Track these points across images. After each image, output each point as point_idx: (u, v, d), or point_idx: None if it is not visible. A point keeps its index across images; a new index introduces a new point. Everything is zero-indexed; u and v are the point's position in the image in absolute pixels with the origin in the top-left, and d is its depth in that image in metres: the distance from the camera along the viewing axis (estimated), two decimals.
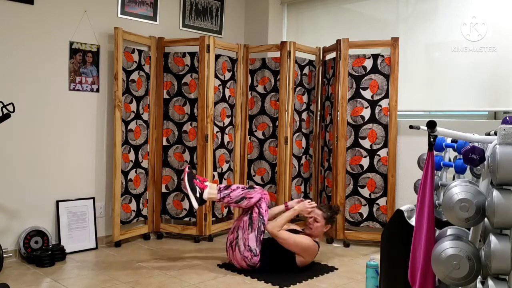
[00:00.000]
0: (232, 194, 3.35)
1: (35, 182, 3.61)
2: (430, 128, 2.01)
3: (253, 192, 3.36)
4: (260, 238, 3.31)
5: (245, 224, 3.32)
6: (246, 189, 3.38)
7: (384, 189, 4.03)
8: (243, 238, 3.30)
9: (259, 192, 3.37)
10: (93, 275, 3.21)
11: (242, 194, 3.35)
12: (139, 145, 4.11)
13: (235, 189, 3.38)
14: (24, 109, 3.53)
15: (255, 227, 3.30)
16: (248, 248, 3.28)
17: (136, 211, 4.10)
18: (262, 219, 3.32)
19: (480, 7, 3.73)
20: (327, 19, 4.69)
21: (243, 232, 3.31)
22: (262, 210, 3.34)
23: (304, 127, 4.47)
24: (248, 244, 3.28)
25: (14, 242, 3.50)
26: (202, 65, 4.08)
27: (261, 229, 3.32)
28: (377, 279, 2.83)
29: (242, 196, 3.35)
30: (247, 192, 3.36)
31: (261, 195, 3.36)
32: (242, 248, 3.29)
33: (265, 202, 3.37)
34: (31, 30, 3.55)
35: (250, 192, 3.36)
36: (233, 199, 3.35)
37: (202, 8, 4.63)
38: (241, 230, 3.32)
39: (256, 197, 3.35)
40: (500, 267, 1.72)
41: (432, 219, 2.03)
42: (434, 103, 4.03)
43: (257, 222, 3.31)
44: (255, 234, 3.29)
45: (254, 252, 3.28)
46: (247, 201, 3.34)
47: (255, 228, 3.30)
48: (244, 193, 3.35)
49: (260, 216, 3.32)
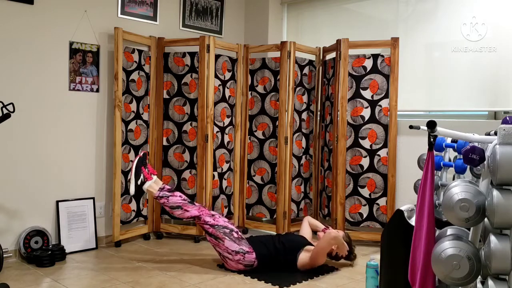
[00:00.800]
0: (171, 199, 3.36)
1: (35, 182, 3.61)
2: (430, 128, 2.01)
3: (191, 207, 3.37)
4: (235, 237, 3.32)
5: (214, 243, 3.34)
6: (188, 202, 3.38)
7: (384, 189, 4.03)
8: (224, 251, 3.31)
9: (197, 210, 3.37)
10: (93, 275, 3.21)
11: (180, 204, 3.36)
12: (139, 145, 4.11)
13: (176, 195, 3.38)
14: (24, 109, 3.53)
15: (221, 236, 3.30)
16: (235, 252, 3.28)
17: (136, 211, 4.10)
18: (218, 227, 3.32)
19: (480, 7, 3.73)
20: (327, 19, 4.69)
21: (220, 247, 3.32)
22: (210, 221, 3.34)
23: (304, 127, 4.47)
24: (232, 250, 3.28)
25: (14, 242, 3.50)
26: (202, 65, 4.09)
27: (227, 231, 3.32)
28: (377, 279, 2.83)
29: (179, 205, 3.36)
30: (186, 204, 3.36)
31: (199, 212, 3.36)
32: (230, 257, 3.29)
33: (206, 215, 3.36)
34: (31, 30, 3.55)
35: (188, 206, 3.36)
36: (169, 203, 3.35)
37: (202, 8, 4.63)
38: (218, 248, 3.34)
39: (192, 212, 3.35)
40: (500, 267, 1.72)
41: (432, 219, 2.03)
42: (434, 103, 4.03)
43: (219, 232, 3.31)
44: (228, 239, 3.30)
45: (242, 251, 3.28)
46: (181, 212, 3.35)
47: (223, 236, 3.30)
48: (183, 203, 3.36)
49: (215, 226, 3.32)
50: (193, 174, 4.17)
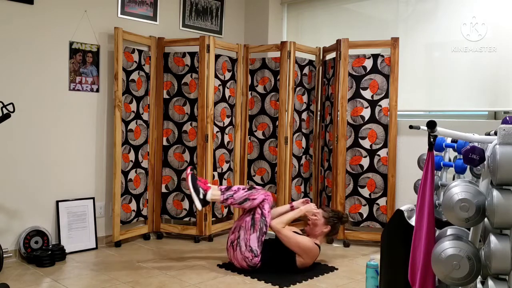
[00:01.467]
0: (236, 196, 3.35)
1: (35, 182, 3.61)
2: (430, 128, 2.01)
3: (256, 194, 3.36)
4: (262, 239, 3.31)
5: (247, 225, 3.32)
6: (248, 190, 3.37)
7: (384, 189, 4.03)
8: (244, 239, 3.29)
9: (263, 194, 3.36)
10: (93, 275, 3.21)
11: (245, 196, 3.34)
12: (139, 145, 4.11)
13: (237, 190, 3.37)
14: (24, 109, 3.53)
15: (257, 228, 3.30)
16: (250, 249, 3.28)
17: (136, 211, 4.10)
18: (264, 220, 3.32)
19: (480, 7, 3.73)
20: (327, 19, 4.69)
21: (245, 232, 3.30)
22: (265, 211, 3.33)
23: (304, 127, 4.47)
24: (250, 245, 3.28)
25: (14, 242, 3.50)
26: (202, 65, 4.09)
27: (263, 230, 3.31)
28: (377, 279, 2.83)
29: (245, 197, 3.34)
30: (250, 193, 3.35)
31: (265, 196, 3.36)
32: (243, 249, 3.28)
33: (268, 203, 3.36)
34: (31, 30, 3.55)
35: (253, 193, 3.35)
36: (237, 201, 3.34)
37: (202, 8, 4.63)
38: (243, 230, 3.32)
39: (259, 198, 3.34)
40: (500, 267, 1.72)
41: (432, 219, 2.03)
42: (434, 103, 4.03)
43: (260, 223, 3.31)
44: (257, 235, 3.29)
45: (255, 252, 3.28)
46: (251, 202, 3.33)
47: (257, 229, 3.30)
48: (247, 194, 3.35)
49: (263, 217, 3.32)
50: None
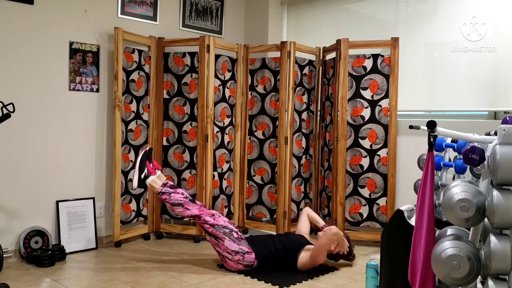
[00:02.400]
0: (173, 196, 3.35)
1: (35, 182, 3.61)
2: (430, 128, 2.01)
3: (192, 206, 3.36)
4: (235, 237, 3.31)
5: (214, 242, 3.34)
6: (189, 200, 3.38)
7: (384, 189, 4.03)
8: (224, 251, 3.30)
9: (198, 209, 3.36)
10: (93, 275, 3.21)
11: (182, 202, 3.35)
12: (139, 145, 4.11)
13: (178, 192, 3.38)
14: (24, 109, 3.53)
15: (221, 236, 3.30)
16: (234, 252, 3.28)
17: (136, 211, 4.10)
18: (218, 227, 3.32)
19: (480, 7, 3.73)
20: (327, 19, 4.69)
21: (219, 247, 3.32)
22: (210, 221, 3.33)
23: (304, 127, 4.47)
24: (231, 250, 3.28)
25: (14, 242, 3.50)
26: (202, 65, 4.09)
27: (227, 231, 3.31)
28: (377, 279, 2.83)
29: (180, 202, 3.35)
30: (187, 203, 3.36)
31: (199, 211, 3.35)
32: (230, 257, 3.29)
33: (206, 216, 3.35)
34: (31, 30, 3.55)
35: (189, 204, 3.36)
36: (171, 200, 3.34)
37: (202, 8, 4.63)
38: (217, 248, 3.34)
39: (193, 211, 3.35)
40: (500, 267, 1.72)
41: (432, 219, 2.03)
42: (434, 103, 4.03)
43: (218, 231, 3.31)
44: (228, 239, 3.29)
45: (242, 251, 3.28)
46: (182, 210, 3.34)
47: (222, 236, 3.30)
48: (184, 201, 3.35)
49: (215, 226, 3.32)
50: (193, 174, 4.17)
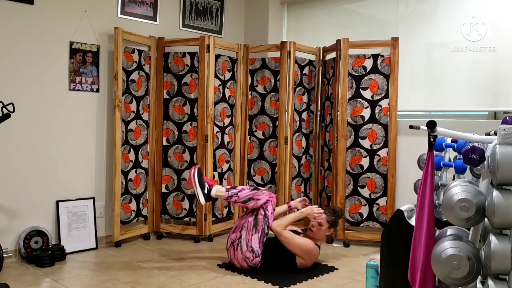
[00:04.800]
0: (240, 194, 3.35)
1: (35, 182, 3.61)
2: (430, 128, 2.01)
3: (260, 194, 3.36)
4: (263, 240, 3.31)
5: (249, 225, 3.32)
6: (253, 190, 3.38)
7: (384, 189, 4.03)
8: (246, 239, 3.29)
9: (267, 195, 3.38)
10: (93, 275, 3.21)
11: (250, 195, 3.35)
12: (139, 145, 4.11)
13: (242, 189, 3.38)
14: (24, 109, 3.53)
15: (259, 228, 3.30)
16: (251, 249, 3.28)
17: (136, 211, 4.10)
18: (267, 221, 3.32)
19: (480, 7, 3.73)
20: (327, 19, 4.69)
21: (247, 232, 3.30)
22: (268, 212, 3.34)
23: (304, 127, 4.47)
24: (251, 245, 3.28)
25: (14, 242, 3.50)
26: (202, 65, 4.08)
27: (265, 231, 3.31)
28: (377, 279, 2.83)
29: (249, 196, 3.35)
30: (255, 193, 3.36)
31: (268, 197, 3.37)
32: (244, 249, 3.28)
33: (271, 205, 3.37)
34: (31, 30, 3.55)
35: (257, 194, 3.36)
36: (241, 199, 3.34)
37: (202, 8, 4.63)
38: (244, 231, 3.32)
39: (263, 199, 3.35)
40: (500, 267, 1.72)
41: (432, 219, 2.03)
42: (434, 103, 4.03)
43: (262, 224, 3.31)
44: (259, 235, 3.29)
45: (256, 253, 3.28)
46: (254, 202, 3.34)
47: (259, 229, 3.30)
48: (252, 194, 3.35)
49: (265, 218, 3.32)
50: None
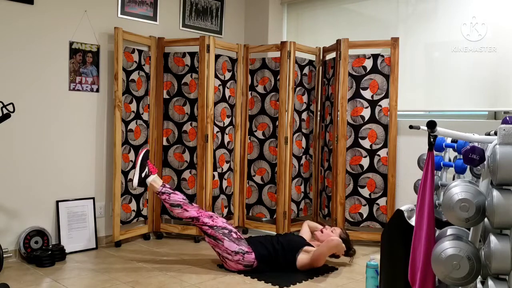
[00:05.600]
0: (172, 196, 3.38)
1: (35, 182, 3.61)
2: (430, 128, 2.02)
3: (191, 207, 3.38)
4: (235, 237, 3.32)
5: (213, 244, 3.35)
6: (187, 202, 3.40)
7: (384, 189, 4.03)
8: (224, 252, 3.31)
9: (196, 211, 3.38)
10: (93, 275, 3.21)
11: (181, 203, 3.38)
12: (139, 145, 4.11)
13: (178, 194, 3.41)
14: (24, 109, 3.53)
15: (220, 237, 3.31)
16: (234, 253, 3.28)
17: (136, 211, 4.10)
18: (217, 228, 3.33)
19: (480, 7, 3.73)
20: (327, 19, 4.69)
21: (219, 248, 3.33)
22: (209, 223, 3.35)
23: (304, 127, 4.47)
24: (231, 251, 3.29)
25: (14, 242, 3.50)
26: (202, 65, 4.09)
27: (226, 232, 3.32)
28: (377, 279, 2.83)
29: (179, 203, 3.37)
30: (186, 204, 3.39)
31: (197, 214, 3.37)
32: (230, 257, 3.30)
33: (205, 217, 3.36)
34: (31, 30, 3.55)
35: (188, 205, 3.38)
36: (170, 201, 3.37)
37: (202, 8, 4.63)
38: (217, 249, 3.35)
39: (191, 213, 3.37)
40: (500, 267, 1.72)
41: (432, 219, 2.03)
42: (434, 103, 4.03)
43: (217, 232, 3.32)
44: (227, 240, 3.30)
45: (242, 251, 3.28)
46: (181, 211, 3.36)
47: (222, 237, 3.31)
48: (183, 202, 3.38)
49: (214, 227, 3.33)
50: (193, 174, 4.17)
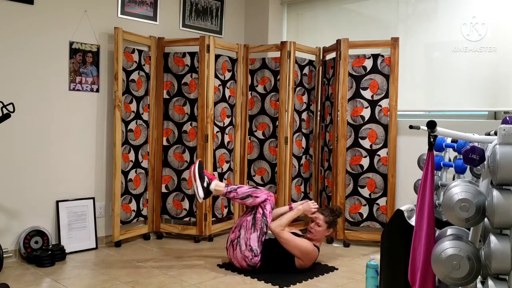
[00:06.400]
0: (239, 190, 3.37)
1: (35, 182, 3.61)
2: (430, 128, 2.02)
3: (259, 192, 3.37)
4: (262, 239, 3.32)
5: (248, 224, 3.32)
6: (253, 188, 3.40)
7: (384, 189, 4.03)
8: (245, 238, 3.30)
9: (266, 193, 3.38)
10: (93, 275, 3.21)
11: (249, 192, 3.36)
12: (139, 145, 4.11)
13: (241, 186, 3.41)
14: (24, 109, 3.53)
15: (258, 227, 3.30)
16: (250, 248, 3.28)
17: (136, 211, 4.10)
18: (265, 220, 3.32)
19: (480, 7, 3.73)
20: (327, 19, 4.69)
21: (246, 231, 3.31)
22: (266, 211, 3.34)
23: (304, 127, 4.47)
24: (250, 244, 3.28)
25: (14, 242, 3.50)
26: (202, 65, 4.09)
27: (264, 230, 3.32)
28: (377, 279, 2.83)
29: (248, 193, 3.36)
30: (254, 191, 3.37)
31: (267, 196, 3.37)
32: (243, 248, 3.29)
33: (269, 204, 3.37)
34: (31, 30, 3.55)
35: (256, 191, 3.37)
36: (239, 195, 3.36)
37: (202, 8, 4.63)
38: (243, 230, 3.32)
39: (262, 197, 3.36)
40: (500, 267, 1.72)
41: (432, 219, 2.03)
42: (434, 103, 4.03)
43: (260, 223, 3.31)
44: (257, 234, 3.29)
45: (255, 252, 3.28)
46: (253, 199, 3.35)
47: (258, 228, 3.30)
48: (250, 191, 3.37)
49: (264, 217, 3.33)
50: None
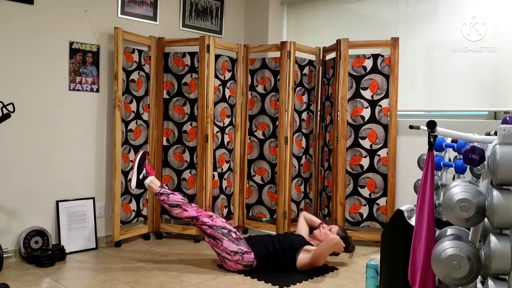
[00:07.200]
0: (171, 197, 3.38)
1: (35, 182, 3.61)
2: (430, 128, 2.02)
3: (190, 207, 3.39)
4: (234, 237, 3.32)
5: (213, 243, 3.35)
6: (187, 202, 3.41)
7: (384, 189, 4.03)
8: (223, 251, 3.31)
9: (195, 210, 3.39)
10: (93, 275, 3.21)
11: (179, 203, 3.38)
12: (139, 145, 4.11)
13: (176, 194, 3.42)
14: (24, 109, 3.53)
15: (220, 237, 3.31)
16: (233, 253, 3.28)
17: (136, 211, 4.10)
18: (216, 228, 3.33)
19: (480, 7, 3.73)
20: (327, 19, 4.69)
21: (218, 248, 3.33)
22: (208, 222, 3.35)
23: (304, 127, 4.47)
24: (230, 251, 3.29)
25: (14, 242, 3.50)
26: (202, 65, 4.09)
27: (225, 231, 3.33)
28: (377, 279, 2.83)
29: (179, 203, 3.37)
30: (185, 204, 3.39)
31: (197, 213, 3.37)
32: (229, 257, 3.30)
33: (204, 217, 3.37)
34: (31, 30, 3.55)
35: (187, 205, 3.39)
36: (169, 201, 3.37)
37: (202, 8, 4.63)
38: (216, 249, 3.35)
39: (191, 213, 3.37)
40: (500, 267, 1.72)
41: (432, 219, 2.04)
42: (434, 103, 4.03)
43: (217, 232, 3.32)
44: (226, 240, 3.30)
45: (241, 251, 3.28)
46: (180, 211, 3.36)
47: (221, 237, 3.31)
48: (182, 202, 3.39)
49: (213, 227, 3.33)
50: (193, 174, 4.17)
